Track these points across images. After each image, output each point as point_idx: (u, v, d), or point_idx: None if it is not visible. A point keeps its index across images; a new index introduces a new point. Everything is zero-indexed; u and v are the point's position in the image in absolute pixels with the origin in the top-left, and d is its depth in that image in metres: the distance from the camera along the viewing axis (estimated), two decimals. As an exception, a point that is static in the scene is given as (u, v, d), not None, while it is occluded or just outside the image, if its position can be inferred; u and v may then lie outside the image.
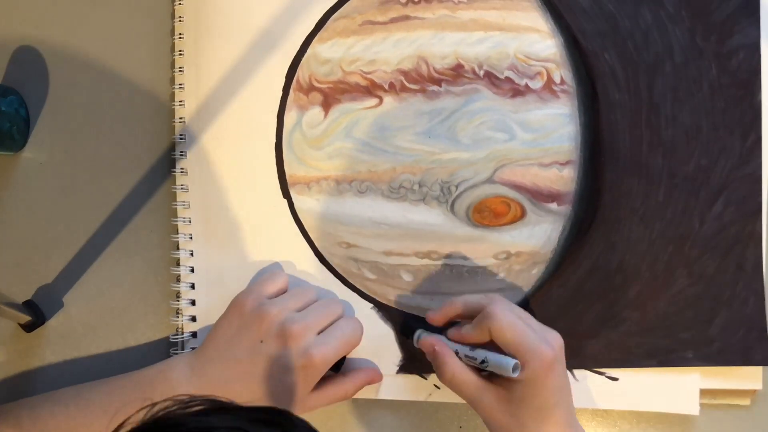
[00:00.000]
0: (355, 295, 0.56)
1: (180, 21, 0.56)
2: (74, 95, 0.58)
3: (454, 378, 0.49)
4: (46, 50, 0.58)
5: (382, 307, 0.56)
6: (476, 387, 0.49)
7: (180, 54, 0.56)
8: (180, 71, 0.56)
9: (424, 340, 0.52)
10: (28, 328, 0.56)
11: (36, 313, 0.56)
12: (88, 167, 0.58)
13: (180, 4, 0.56)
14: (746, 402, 0.56)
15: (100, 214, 0.53)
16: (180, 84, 0.56)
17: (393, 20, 0.56)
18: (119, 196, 0.58)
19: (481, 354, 0.49)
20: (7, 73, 0.58)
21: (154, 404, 0.33)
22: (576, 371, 0.55)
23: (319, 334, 0.51)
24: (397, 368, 0.56)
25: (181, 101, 0.56)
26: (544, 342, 0.47)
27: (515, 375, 0.46)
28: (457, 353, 0.50)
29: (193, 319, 0.56)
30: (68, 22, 0.58)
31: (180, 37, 0.56)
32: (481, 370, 0.49)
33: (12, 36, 0.58)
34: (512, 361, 0.46)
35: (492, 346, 0.48)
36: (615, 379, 0.55)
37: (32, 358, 0.57)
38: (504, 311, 0.48)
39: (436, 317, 0.52)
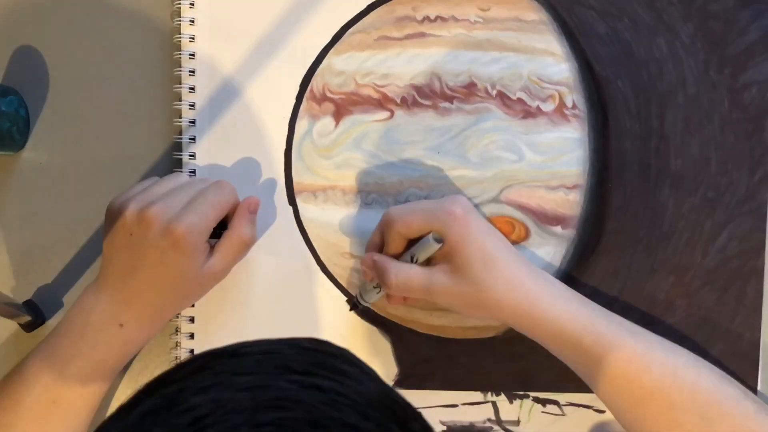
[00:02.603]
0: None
1: (191, 23, 0.56)
2: (74, 95, 0.58)
3: (399, 277, 0.50)
4: (46, 50, 0.58)
5: (381, 321, 0.56)
6: (422, 276, 0.49)
7: (190, 57, 0.56)
8: (191, 74, 0.56)
9: (363, 260, 0.53)
10: (28, 328, 0.56)
11: (36, 313, 0.56)
12: (88, 167, 0.58)
13: (191, 6, 0.56)
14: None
15: (100, 214, 0.52)
16: (190, 86, 0.56)
17: (408, 36, 0.56)
18: (119, 197, 0.57)
19: (407, 253, 0.50)
20: (7, 73, 0.58)
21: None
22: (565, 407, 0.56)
23: None
24: (393, 383, 0.56)
25: (191, 103, 0.56)
26: (448, 203, 0.49)
27: (440, 245, 0.48)
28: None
29: (192, 320, 0.56)
30: (68, 22, 0.58)
31: (191, 40, 0.56)
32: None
33: (12, 36, 0.58)
34: (430, 236, 0.48)
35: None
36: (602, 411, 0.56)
37: (32, 358, 0.57)
38: (396, 209, 0.51)
39: (363, 257, 0.53)
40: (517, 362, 0.56)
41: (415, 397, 0.56)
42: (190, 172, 0.56)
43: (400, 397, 0.31)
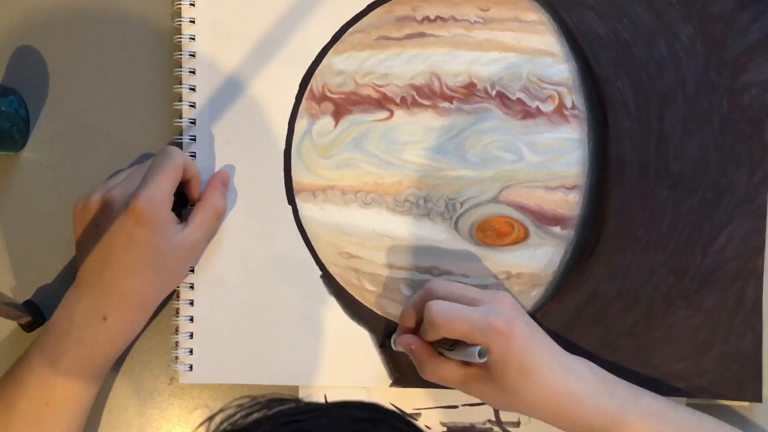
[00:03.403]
0: (353, 308, 0.56)
1: (191, 23, 0.56)
2: (74, 95, 0.58)
3: (435, 374, 0.50)
4: (46, 50, 0.58)
5: (379, 321, 0.56)
6: (458, 377, 0.49)
7: (191, 56, 0.56)
8: (191, 73, 0.56)
9: (401, 339, 0.52)
10: (28, 328, 0.56)
11: (36, 313, 0.56)
12: (88, 167, 0.58)
13: (192, 5, 0.56)
14: (745, 402, 0.56)
15: (100, 214, 0.53)
16: (191, 86, 0.56)
17: (408, 36, 0.56)
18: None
19: (446, 345, 0.50)
20: (7, 73, 0.58)
21: (212, 417, 0.32)
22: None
23: None
24: (392, 382, 0.56)
25: (192, 103, 0.56)
26: (492, 314, 0.47)
27: (484, 360, 0.47)
28: (432, 344, 0.51)
29: (191, 319, 0.56)
30: (68, 23, 0.58)
31: (191, 39, 0.56)
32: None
33: (12, 36, 0.58)
34: (475, 350, 0.46)
35: None
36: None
37: (31, 357, 0.57)
38: (441, 310, 0.48)
39: (402, 337, 0.52)
40: (516, 363, 0.56)
41: (415, 398, 0.56)
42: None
43: None
